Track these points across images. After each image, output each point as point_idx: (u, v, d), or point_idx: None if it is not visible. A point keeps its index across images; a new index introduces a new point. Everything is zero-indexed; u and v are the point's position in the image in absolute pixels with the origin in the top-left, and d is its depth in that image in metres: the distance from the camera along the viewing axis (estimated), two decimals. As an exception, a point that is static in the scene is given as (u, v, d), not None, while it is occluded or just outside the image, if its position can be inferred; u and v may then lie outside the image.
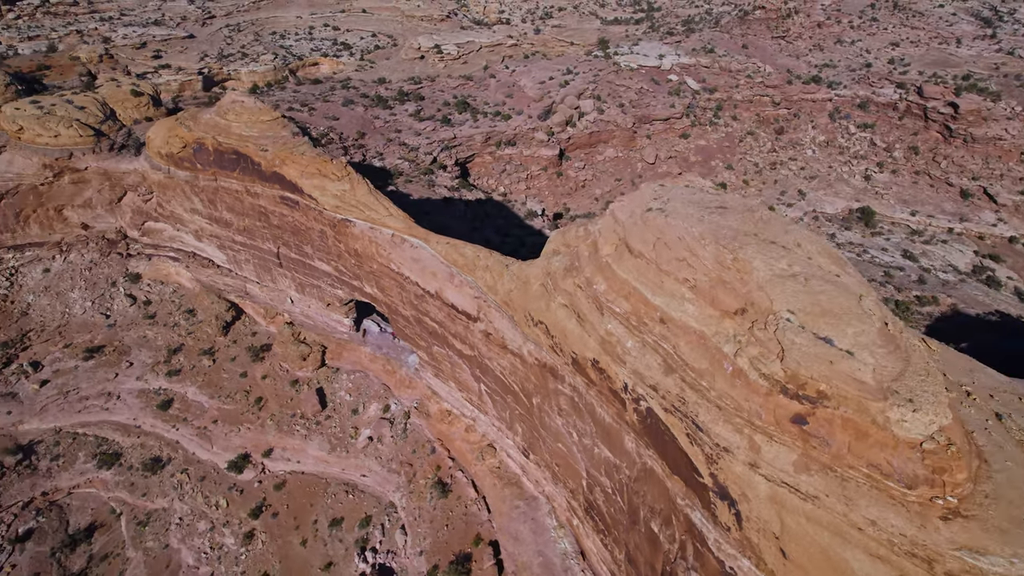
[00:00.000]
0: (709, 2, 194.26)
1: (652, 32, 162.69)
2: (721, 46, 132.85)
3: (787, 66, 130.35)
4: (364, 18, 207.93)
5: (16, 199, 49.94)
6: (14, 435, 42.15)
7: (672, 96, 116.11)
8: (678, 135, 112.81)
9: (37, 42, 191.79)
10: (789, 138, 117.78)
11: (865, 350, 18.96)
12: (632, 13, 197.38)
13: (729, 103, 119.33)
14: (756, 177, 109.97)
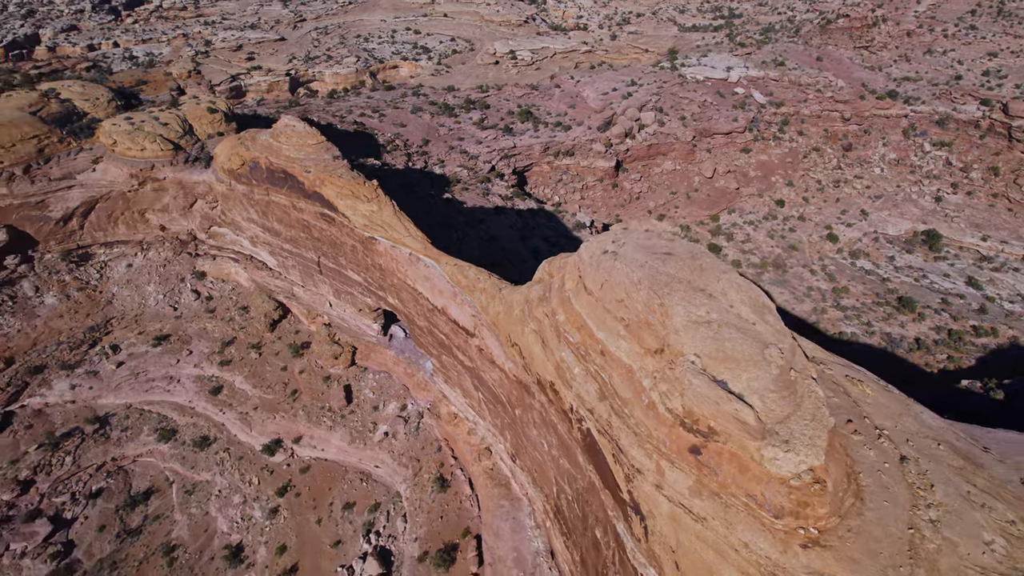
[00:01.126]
0: (792, 9, 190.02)
1: (728, 40, 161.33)
2: (793, 58, 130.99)
3: (863, 79, 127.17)
4: (445, 22, 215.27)
5: (108, 203, 58.19)
6: (94, 407, 49.81)
7: (736, 110, 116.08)
8: (739, 149, 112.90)
9: (150, 45, 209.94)
10: (857, 155, 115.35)
11: (755, 394, 21.83)
12: (711, 20, 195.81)
13: (796, 118, 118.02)
14: (817, 194, 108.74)
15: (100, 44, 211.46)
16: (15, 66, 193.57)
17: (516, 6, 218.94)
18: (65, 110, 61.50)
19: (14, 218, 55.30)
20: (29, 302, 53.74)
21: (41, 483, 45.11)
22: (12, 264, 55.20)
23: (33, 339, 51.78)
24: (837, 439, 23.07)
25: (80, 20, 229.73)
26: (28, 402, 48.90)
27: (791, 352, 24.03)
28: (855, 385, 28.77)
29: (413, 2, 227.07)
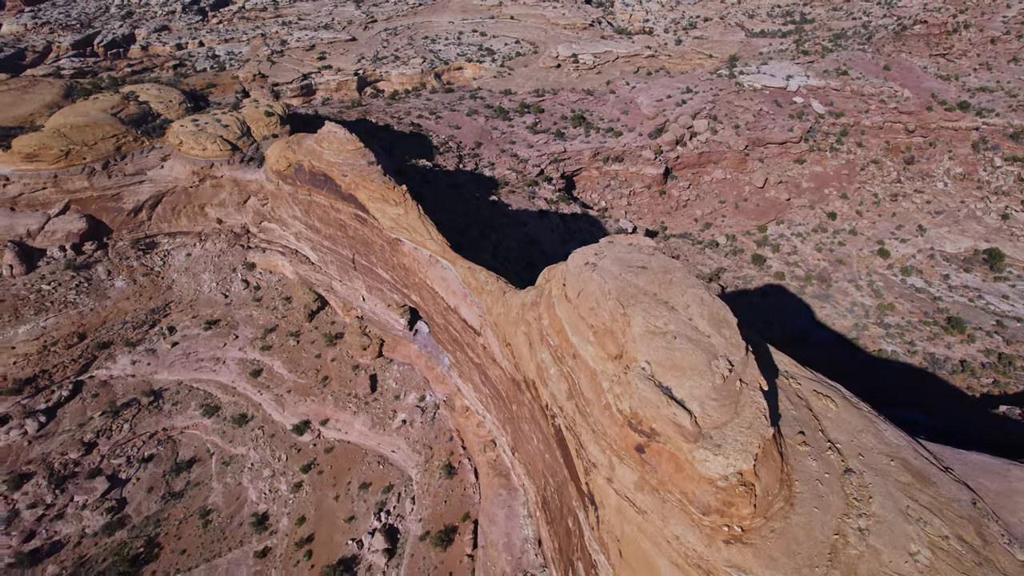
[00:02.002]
0: (868, 14, 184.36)
1: (795, 47, 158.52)
2: (858, 67, 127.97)
3: (932, 89, 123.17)
4: (511, 25, 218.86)
5: (173, 197, 64.35)
6: (150, 382, 55.62)
7: (792, 119, 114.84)
8: (793, 159, 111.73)
9: (231, 44, 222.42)
10: (919, 169, 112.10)
11: (695, 401, 24.01)
12: (781, 25, 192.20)
13: (856, 129, 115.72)
14: (872, 208, 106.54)
15: (187, 43, 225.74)
16: (112, 64, 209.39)
17: (583, 9, 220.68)
18: (142, 111, 68.14)
19: (93, 208, 62.04)
20: (102, 284, 60.26)
21: (102, 446, 50.99)
22: (90, 250, 61.96)
23: (103, 317, 58.13)
24: (775, 447, 24.89)
25: (171, 21, 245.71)
26: (96, 373, 55.11)
27: (742, 364, 25.99)
28: (820, 399, 30.22)
29: (481, 4, 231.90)
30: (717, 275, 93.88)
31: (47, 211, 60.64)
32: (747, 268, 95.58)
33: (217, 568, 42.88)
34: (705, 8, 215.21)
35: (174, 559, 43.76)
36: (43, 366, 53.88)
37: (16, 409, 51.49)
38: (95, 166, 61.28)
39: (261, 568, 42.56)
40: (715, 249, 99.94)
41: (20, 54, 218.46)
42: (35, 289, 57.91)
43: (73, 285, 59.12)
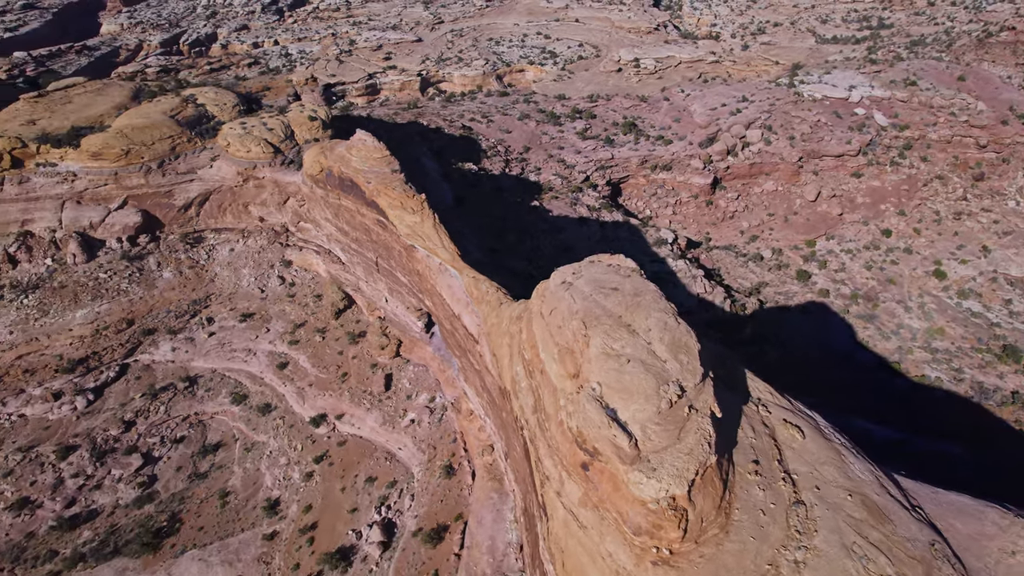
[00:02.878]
0: (952, 19, 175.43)
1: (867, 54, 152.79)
2: (929, 78, 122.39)
3: (1012, 101, 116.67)
4: (575, 28, 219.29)
5: (219, 195, 68.83)
6: (187, 368, 59.95)
7: (852, 131, 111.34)
8: (849, 173, 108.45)
9: (304, 43, 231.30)
10: (989, 186, 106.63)
11: (637, 424, 24.95)
12: (855, 31, 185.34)
13: (920, 142, 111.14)
14: (932, 226, 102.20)
15: (263, 42, 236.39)
16: (193, 61, 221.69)
17: (649, 13, 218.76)
18: (198, 114, 73.03)
19: (148, 204, 67.14)
20: (151, 275, 65.19)
21: (140, 425, 55.48)
22: (143, 242, 67.09)
23: (150, 305, 62.94)
24: (717, 475, 25.46)
25: (251, 20, 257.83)
26: (140, 358, 59.85)
27: (695, 390, 26.67)
28: (788, 429, 30.39)
29: (547, 7, 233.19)
30: (757, 289, 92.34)
31: (108, 205, 66.05)
32: (790, 283, 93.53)
33: (229, 546, 46.18)
34: (776, 13, 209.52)
35: (192, 535, 47.37)
36: (95, 348, 58.94)
37: (68, 386, 56.61)
38: (151, 165, 66.30)
39: (267, 550, 45.59)
40: (759, 263, 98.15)
41: (115, 52, 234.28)
42: (93, 277, 63.26)
43: (126, 275, 64.23)
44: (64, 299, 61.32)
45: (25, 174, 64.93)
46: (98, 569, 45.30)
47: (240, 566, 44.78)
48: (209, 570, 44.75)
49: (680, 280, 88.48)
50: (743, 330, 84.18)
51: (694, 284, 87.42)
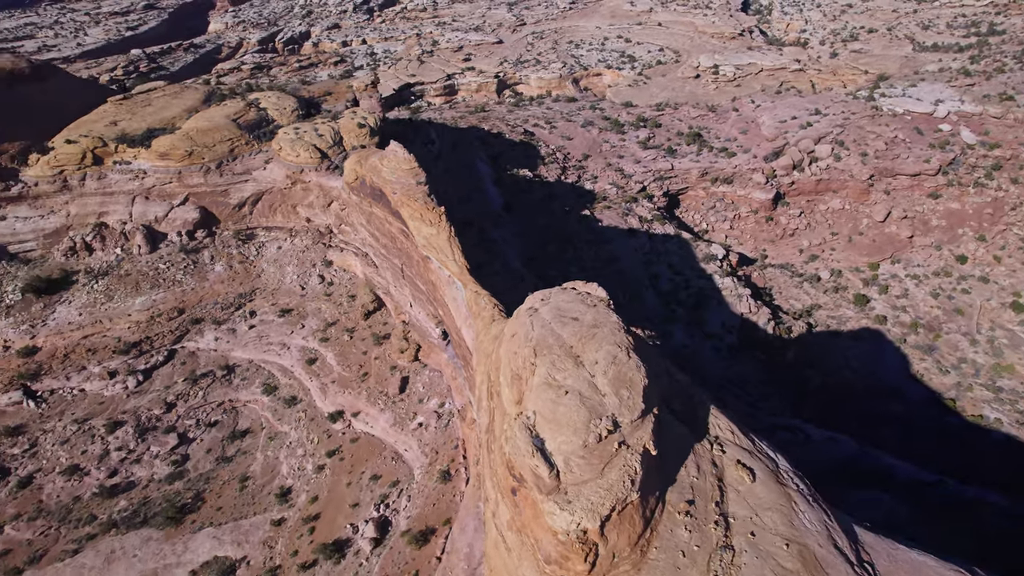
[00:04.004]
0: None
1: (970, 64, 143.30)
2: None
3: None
4: (658, 32, 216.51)
5: (270, 196, 73.57)
6: (227, 357, 64.73)
7: (932, 149, 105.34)
8: (925, 194, 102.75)
9: (389, 43, 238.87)
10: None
11: (561, 456, 25.95)
12: (961, 38, 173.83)
13: (1012, 163, 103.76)
14: (1017, 254, 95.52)
15: (351, 41, 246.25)
16: (285, 59, 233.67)
17: (735, 17, 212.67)
18: (259, 118, 78.19)
19: (206, 201, 72.69)
20: (205, 267, 70.63)
21: (180, 407, 60.56)
22: (200, 237, 72.71)
23: (200, 296, 68.27)
24: (639, 512, 25.98)
25: (342, 19, 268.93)
26: (186, 344, 65.15)
27: (630, 427, 27.30)
28: (738, 470, 30.32)
29: (631, 10, 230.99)
30: (808, 312, 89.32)
31: (171, 201, 72.01)
32: (845, 308, 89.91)
33: (240, 527, 50.00)
34: (873, 18, 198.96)
35: (211, 513, 51.54)
36: (148, 333, 64.66)
37: (123, 367, 62.44)
38: (211, 165, 71.73)
39: (273, 535, 49.07)
40: (815, 284, 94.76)
41: (218, 49, 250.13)
42: (154, 267, 69.25)
43: (183, 266, 69.90)
44: (127, 286, 67.52)
45: (104, 171, 71.78)
46: (127, 535, 50.09)
47: (247, 547, 48.42)
48: (220, 547, 48.65)
49: (725, 298, 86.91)
50: (785, 354, 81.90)
51: (739, 303, 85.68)
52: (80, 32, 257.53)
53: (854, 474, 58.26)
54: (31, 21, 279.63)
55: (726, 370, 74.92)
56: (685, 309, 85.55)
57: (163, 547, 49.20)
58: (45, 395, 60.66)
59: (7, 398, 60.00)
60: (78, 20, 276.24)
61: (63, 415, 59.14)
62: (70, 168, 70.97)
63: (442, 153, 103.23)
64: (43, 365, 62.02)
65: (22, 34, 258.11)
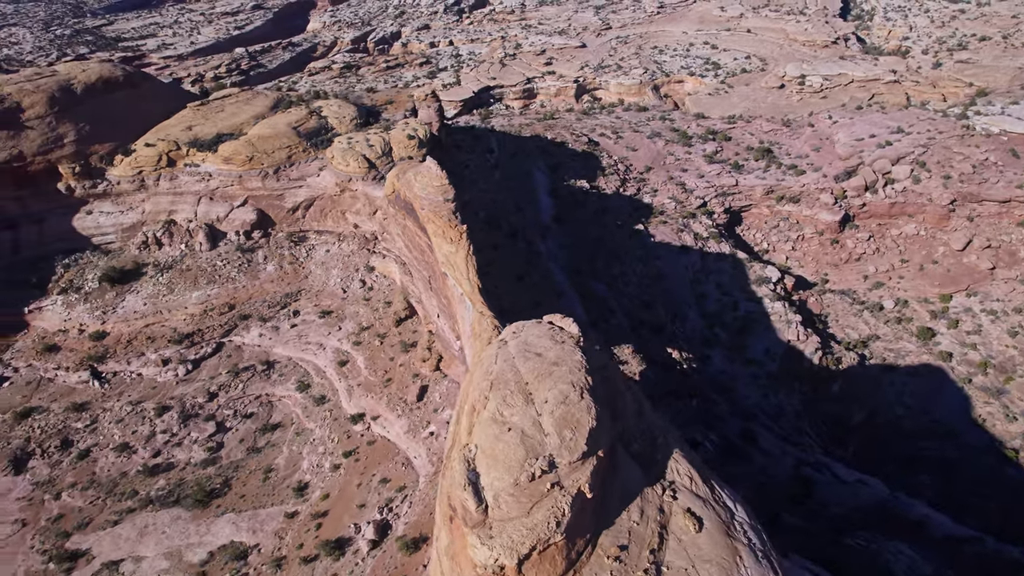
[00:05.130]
0: None
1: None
2: None
3: None
4: (745, 38, 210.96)
5: (322, 202, 77.89)
6: (268, 353, 69.38)
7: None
8: (1015, 222, 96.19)
9: (475, 45, 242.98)
10: None
11: (491, 491, 27.21)
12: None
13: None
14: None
15: (439, 42, 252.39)
16: (373, 59, 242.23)
17: (830, 24, 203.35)
18: (319, 126, 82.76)
19: (263, 204, 77.85)
20: (257, 266, 75.76)
21: (221, 397, 65.57)
22: (256, 237, 77.98)
23: (251, 294, 73.36)
24: (562, 553, 26.77)
25: (433, 20, 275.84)
26: (233, 339, 70.27)
27: (568, 468, 28.16)
28: (686, 519, 30.43)
29: (720, 16, 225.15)
30: (864, 343, 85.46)
31: (232, 203, 77.63)
32: (906, 341, 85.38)
33: (258, 516, 53.93)
34: (987, 25, 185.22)
35: (235, 500, 55.79)
36: (200, 325, 70.20)
37: (175, 356, 68.16)
38: (269, 171, 76.75)
39: (285, 526, 52.65)
40: (876, 313, 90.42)
41: (313, 48, 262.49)
42: (212, 264, 74.97)
43: (238, 264, 75.27)
44: (187, 280, 73.49)
45: (176, 172, 78.30)
46: (160, 513, 55.09)
47: (261, 535, 52.21)
48: (238, 533, 52.67)
49: (773, 323, 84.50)
50: (830, 386, 78.98)
51: (787, 329, 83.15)
52: (194, 31, 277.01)
53: (880, 521, 55.90)
54: (155, 21, 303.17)
55: (761, 400, 73.07)
56: (728, 333, 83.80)
57: (189, 527, 53.73)
58: (108, 376, 67.18)
59: (77, 377, 66.85)
60: (194, 20, 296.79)
61: (121, 396, 65.34)
62: (147, 169, 77.88)
63: (500, 163, 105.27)
64: (109, 349, 68.65)
65: (146, 33, 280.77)
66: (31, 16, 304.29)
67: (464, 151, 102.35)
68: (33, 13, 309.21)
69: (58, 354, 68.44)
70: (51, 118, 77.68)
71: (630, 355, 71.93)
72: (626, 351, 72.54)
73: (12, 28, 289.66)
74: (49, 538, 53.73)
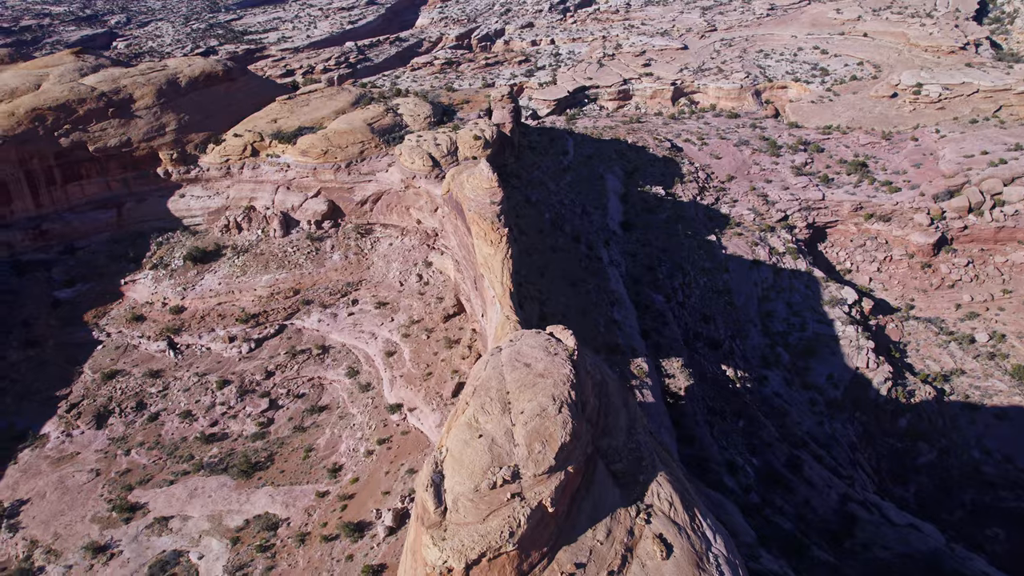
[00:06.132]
0: None
1: None
2: None
3: None
4: (860, 43, 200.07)
5: (388, 197, 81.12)
6: (325, 338, 73.35)
7: None
8: None
9: (576, 44, 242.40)
10: None
11: (451, 495, 28.19)
12: None
13: None
14: None
15: (540, 40, 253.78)
16: (474, 56, 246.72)
17: (960, 28, 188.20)
18: (393, 123, 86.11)
19: (334, 196, 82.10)
20: (324, 255, 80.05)
21: (277, 376, 70.01)
22: (327, 227, 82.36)
23: (315, 280, 77.64)
24: (513, 564, 27.24)
25: (537, 19, 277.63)
26: (295, 322, 74.72)
27: (532, 480, 28.69)
28: (654, 544, 30.07)
29: (835, 19, 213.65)
30: (946, 377, 79.63)
31: (306, 193, 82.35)
32: (996, 379, 78.78)
33: (293, 492, 57.41)
34: None
35: (275, 474, 59.61)
36: (265, 307, 75.15)
37: (241, 334, 73.35)
38: (341, 164, 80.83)
39: (314, 504, 55.76)
40: (965, 346, 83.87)
41: (419, 44, 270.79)
42: (283, 250, 79.92)
43: (306, 252, 79.81)
44: (259, 264, 78.77)
45: (258, 162, 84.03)
46: (209, 478, 59.68)
47: (292, 510, 55.55)
48: (272, 505, 56.33)
49: (841, 348, 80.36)
50: (896, 420, 74.23)
51: (856, 356, 78.88)
52: (311, 26, 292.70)
53: (926, 572, 52.51)
54: (278, 16, 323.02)
55: (815, 427, 69.72)
56: (791, 354, 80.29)
57: (232, 494, 57.93)
58: (182, 348, 73.26)
59: (156, 346, 73.34)
60: (312, 15, 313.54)
61: (190, 367, 71.11)
62: (234, 157, 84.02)
63: (572, 165, 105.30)
64: (185, 323, 74.85)
65: (269, 27, 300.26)
66: (175, 11, 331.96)
67: (538, 152, 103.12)
68: (176, 8, 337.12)
69: (143, 324, 75.27)
70: (157, 109, 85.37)
71: (678, 369, 70.49)
72: (674, 364, 71.14)
73: (158, 23, 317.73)
74: (115, 489, 59.47)
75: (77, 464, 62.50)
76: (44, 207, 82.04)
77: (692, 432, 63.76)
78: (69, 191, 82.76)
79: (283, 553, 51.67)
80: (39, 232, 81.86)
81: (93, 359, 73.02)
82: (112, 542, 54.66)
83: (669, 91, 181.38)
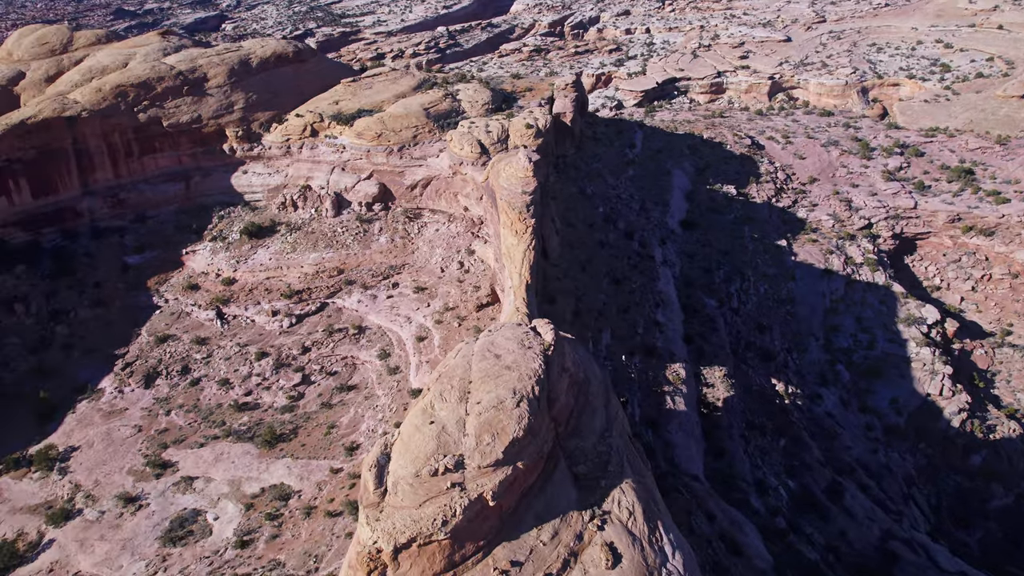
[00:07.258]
0: None
1: None
2: None
3: None
4: (992, 36, 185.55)
5: (438, 182, 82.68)
6: (362, 319, 75.82)
7: None
8: None
9: (672, 33, 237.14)
10: None
11: (393, 478, 28.88)
12: None
13: None
14: None
15: (635, 29, 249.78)
16: (564, 43, 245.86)
17: None
18: (450, 108, 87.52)
19: (386, 179, 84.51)
20: (372, 237, 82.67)
21: (312, 352, 73.10)
22: (376, 209, 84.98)
23: (359, 262, 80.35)
24: (443, 552, 27.52)
25: (633, 6, 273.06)
26: (336, 301, 77.70)
27: (477, 472, 28.93)
28: (603, 552, 29.51)
29: (966, 9, 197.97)
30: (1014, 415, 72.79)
31: (360, 175, 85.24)
32: (1096, 424, 71.28)
33: (309, 466, 59.97)
34: None
35: (296, 447, 62.44)
36: (309, 285, 78.54)
37: (284, 308, 77.05)
38: (394, 148, 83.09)
39: (326, 479, 58.04)
40: (1060, 381, 76.43)
41: (511, 30, 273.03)
42: (333, 230, 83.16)
43: (354, 233, 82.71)
44: (309, 242, 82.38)
45: (316, 142, 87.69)
46: (235, 445, 63.29)
47: (305, 483, 58.06)
48: (288, 476, 59.09)
49: (912, 372, 75.29)
50: (968, 455, 68.81)
51: (929, 381, 73.72)
52: (407, 10, 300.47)
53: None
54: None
55: (867, 454, 65.74)
56: (853, 373, 75.87)
57: (253, 462, 61.17)
58: (229, 318, 77.72)
59: (206, 315, 78.25)
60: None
61: (234, 337, 75.43)
62: (294, 137, 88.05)
63: (637, 159, 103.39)
64: (234, 294, 79.41)
65: (367, 10, 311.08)
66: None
67: (602, 144, 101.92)
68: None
69: (197, 292, 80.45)
70: (227, 87, 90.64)
71: (719, 378, 68.22)
72: (716, 373, 68.90)
73: (264, 6, 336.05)
74: (152, 446, 64.11)
75: (124, 419, 67.72)
76: (122, 177, 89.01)
77: (723, 445, 61.63)
78: (144, 163, 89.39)
79: (289, 523, 54.08)
80: (116, 200, 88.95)
81: (150, 323, 78.70)
82: (142, 495, 59.00)
83: (766, 86, 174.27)
